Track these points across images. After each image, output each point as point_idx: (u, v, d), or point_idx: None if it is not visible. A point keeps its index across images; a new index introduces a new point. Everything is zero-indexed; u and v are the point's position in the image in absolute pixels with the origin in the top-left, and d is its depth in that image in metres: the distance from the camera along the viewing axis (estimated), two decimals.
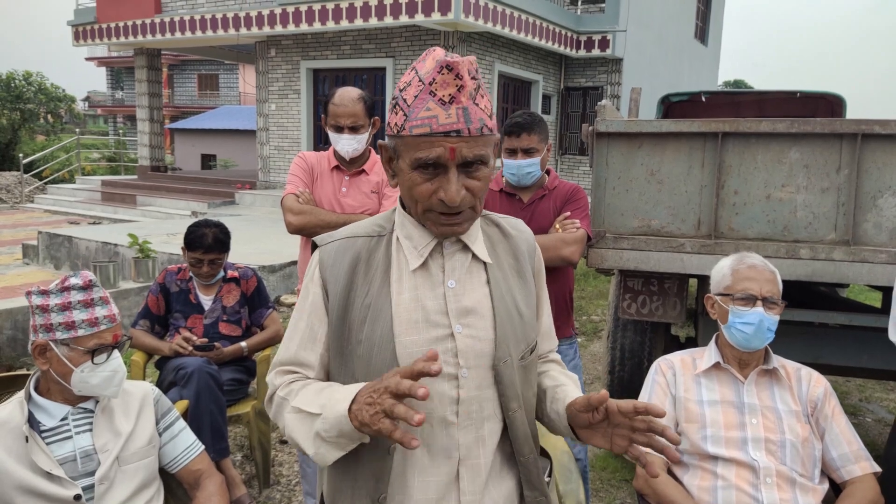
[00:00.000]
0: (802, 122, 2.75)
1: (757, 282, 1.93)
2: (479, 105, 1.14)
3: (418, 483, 1.20)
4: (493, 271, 1.27)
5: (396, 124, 1.16)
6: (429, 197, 1.16)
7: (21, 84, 23.85)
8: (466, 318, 1.22)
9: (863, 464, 1.91)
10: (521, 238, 1.36)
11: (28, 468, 1.70)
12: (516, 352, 1.25)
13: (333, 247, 1.28)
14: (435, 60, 1.13)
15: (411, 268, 1.23)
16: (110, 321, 1.79)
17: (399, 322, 1.20)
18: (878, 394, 4.92)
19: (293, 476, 3.49)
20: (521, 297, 1.30)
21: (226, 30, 12.84)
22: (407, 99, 1.14)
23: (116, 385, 1.80)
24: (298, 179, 2.72)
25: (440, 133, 1.11)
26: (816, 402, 1.97)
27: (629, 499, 3.35)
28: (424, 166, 1.14)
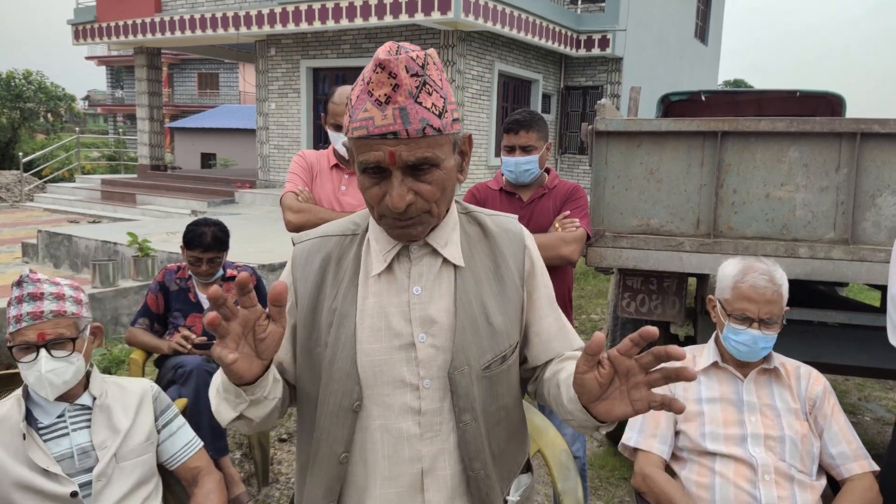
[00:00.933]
0: (802, 122, 2.76)
1: (756, 304, 1.89)
2: (422, 104, 1.05)
3: (380, 493, 1.18)
4: (464, 275, 1.20)
5: (345, 125, 1.10)
6: (379, 201, 1.10)
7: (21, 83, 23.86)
8: (431, 327, 1.17)
9: (861, 462, 1.91)
10: (505, 238, 1.27)
11: (25, 465, 1.70)
12: (478, 362, 1.18)
13: (307, 245, 1.26)
14: (374, 57, 1.06)
15: (373, 273, 1.18)
16: (33, 318, 1.70)
17: (362, 328, 1.16)
18: (877, 393, 4.92)
19: (292, 474, 3.50)
20: (493, 304, 1.21)
21: (226, 29, 12.84)
22: (352, 99, 1.09)
23: (46, 389, 1.71)
24: (298, 178, 2.72)
25: (376, 135, 1.04)
26: (815, 399, 1.97)
27: (627, 497, 3.35)
28: (368, 170, 1.08)
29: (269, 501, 3.26)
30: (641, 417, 2.02)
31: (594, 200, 3.01)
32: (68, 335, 1.75)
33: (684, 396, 2.00)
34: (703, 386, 2.00)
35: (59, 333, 1.74)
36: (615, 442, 3.86)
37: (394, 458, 1.17)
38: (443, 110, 1.07)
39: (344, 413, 1.17)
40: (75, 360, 1.77)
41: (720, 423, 1.94)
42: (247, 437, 3.52)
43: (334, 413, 1.17)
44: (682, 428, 1.98)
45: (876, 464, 1.93)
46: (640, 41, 14.75)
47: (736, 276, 1.95)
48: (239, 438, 3.79)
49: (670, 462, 2.00)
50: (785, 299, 1.93)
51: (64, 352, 1.75)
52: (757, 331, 1.90)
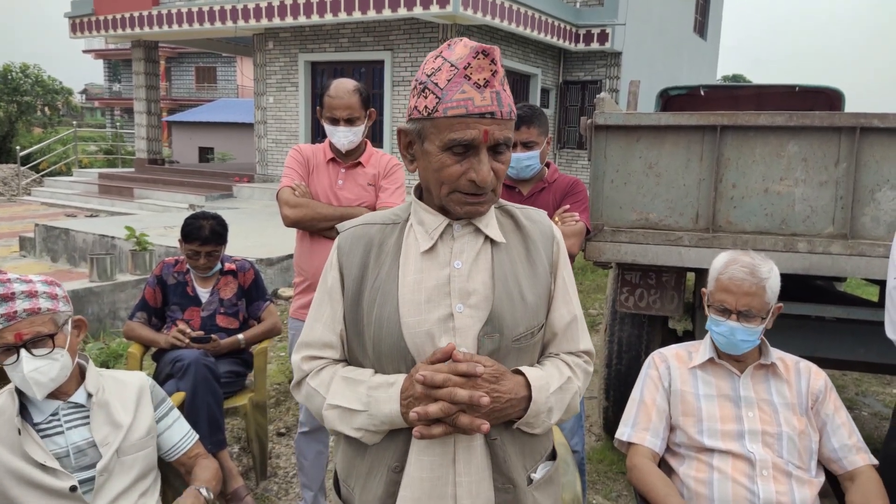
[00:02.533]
0: (801, 116, 2.75)
1: (734, 295, 1.90)
2: (506, 90, 1.20)
3: (415, 461, 1.24)
4: (500, 252, 1.30)
5: (426, 107, 1.19)
6: (458, 178, 1.20)
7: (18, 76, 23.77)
8: (468, 298, 1.24)
9: (863, 455, 1.93)
10: (535, 229, 1.37)
11: (22, 459, 1.70)
12: (511, 332, 1.25)
13: (351, 233, 1.34)
14: (468, 47, 1.18)
15: (421, 249, 1.26)
16: (7, 319, 1.68)
17: (403, 303, 1.24)
18: (875, 387, 4.94)
19: (290, 468, 3.50)
20: (526, 283, 1.30)
21: (223, 22, 12.78)
22: (439, 83, 1.17)
23: (30, 388, 1.71)
24: (294, 172, 2.70)
25: (475, 114, 1.16)
26: (818, 394, 1.97)
27: (626, 491, 3.36)
28: (457, 147, 1.17)
29: (268, 495, 3.26)
30: (635, 412, 2.03)
31: (593, 195, 3.00)
32: (46, 332, 1.73)
33: (682, 391, 2.00)
34: (699, 381, 2.00)
35: (35, 332, 1.71)
36: (613, 436, 3.86)
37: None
38: (513, 101, 1.24)
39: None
40: (59, 356, 1.74)
41: (717, 420, 1.94)
42: (245, 431, 3.52)
43: None
44: (679, 423, 1.98)
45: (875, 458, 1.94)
46: (640, 36, 14.72)
47: (720, 268, 1.97)
48: (237, 432, 3.79)
49: (668, 458, 2.00)
50: (770, 293, 1.92)
51: (44, 349, 1.72)
52: (735, 322, 1.90)
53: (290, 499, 3.24)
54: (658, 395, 2.01)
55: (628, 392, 3.53)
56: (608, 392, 3.67)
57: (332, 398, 1.25)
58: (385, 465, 1.26)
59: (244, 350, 3.34)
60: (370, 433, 1.23)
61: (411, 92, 1.24)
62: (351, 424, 1.24)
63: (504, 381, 1.21)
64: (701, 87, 5.48)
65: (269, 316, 3.42)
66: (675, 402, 2.00)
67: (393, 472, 1.25)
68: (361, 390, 1.23)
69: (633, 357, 3.55)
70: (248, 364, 3.39)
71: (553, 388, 1.28)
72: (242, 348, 3.31)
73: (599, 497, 3.32)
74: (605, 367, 3.67)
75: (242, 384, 3.40)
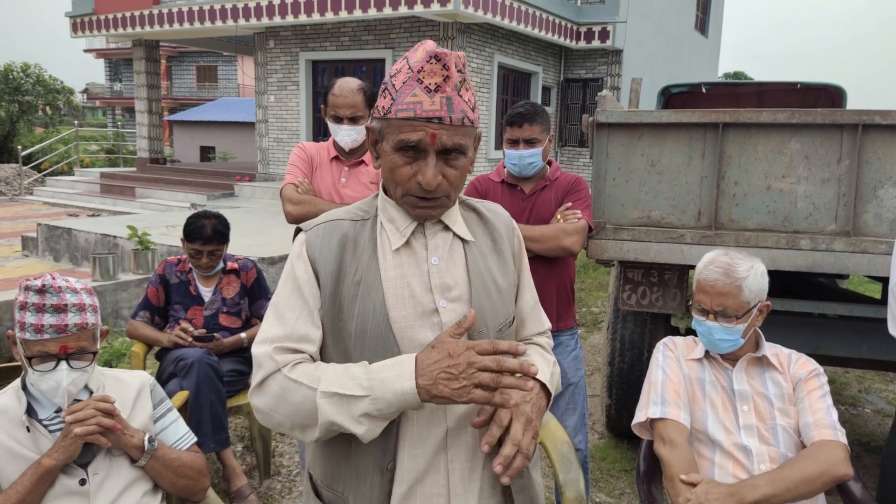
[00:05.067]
0: (803, 113, 2.75)
1: (709, 295, 1.92)
2: (462, 97, 1.20)
3: (408, 455, 1.25)
4: (471, 248, 1.33)
5: (384, 107, 1.22)
6: (408, 180, 1.22)
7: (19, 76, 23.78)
8: (448, 293, 1.27)
9: (822, 430, 1.84)
10: (497, 220, 1.42)
11: (35, 454, 1.71)
12: (493, 324, 1.30)
13: (319, 229, 1.32)
14: (425, 51, 1.20)
15: (393, 247, 1.28)
16: (57, 331, 1.68)
17: (388, 297, 1.25)
18: (878, 385, 4.93)
19: (294, 466, 3.50)
20: (498, 273, 1.35)
21: (224, 21, 12.78)
22: (395, 84, 1.21)
23: (61, 398, 1.73)
24: (298, 169, 2.71)
25: (423, 118, 1.17)
26: (799, 379, 1.96)
27: (629, 489, 3.36)
28: (405, 149, 1.20)
29: (271, 493, 3.27)
30: (661, 389, 1.98)
31: (595, 193, 3.00)
32: (89, 348, 1.76)
33: (690, 377, 2.00)
34: (704, 370, 2.02)
35: (81, 346, 1.73)
36: (616, 434, 3.87)
37: (422, 421, 1.25)
38: (474, 106, 1.24)
39: None
40: (91, 368, 1.78)
41: (719, 409, 1.96)
42: (248, 430, 3.52)
43: None
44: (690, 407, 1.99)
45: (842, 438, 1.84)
46: (641, 33, 14.70)
47: (700, 268, 1.99)
48: (240, 431, 3.80)
49: None
50: (748, 293, 1.89)
51: (84, 363, 1.75)
52: (713, 322, 1.92)
53: (294, 497, 3.25)
54: (681, 373, 2.02)
55: (631, 390, 3.57)
56: (611, 390, 3.67)
57: (326, 387, 1.17)
58: (375, 465, 1.24)
59: (247, 349, 3.34)
60: (373, 421, 1.16)
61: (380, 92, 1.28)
62: (351, 413, 1.15)
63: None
64: (702, 84, 5.47)
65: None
66: (686, 385, 2.01)
67: (387, 472, 1.24)
68: (360, 375, 1.16)
69: (636, 355, 3.55)
70: (251, 363, 3.38)
71: (548, 376, 1.38)
72: (245, 347, 3.31)
73: (602, 495, 3.32)
74: (607, 364, 3.67)
75: (245, 383, 3.41)
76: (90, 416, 1.69)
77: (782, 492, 1.74)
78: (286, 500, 3.23)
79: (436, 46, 1.21)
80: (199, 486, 1.92)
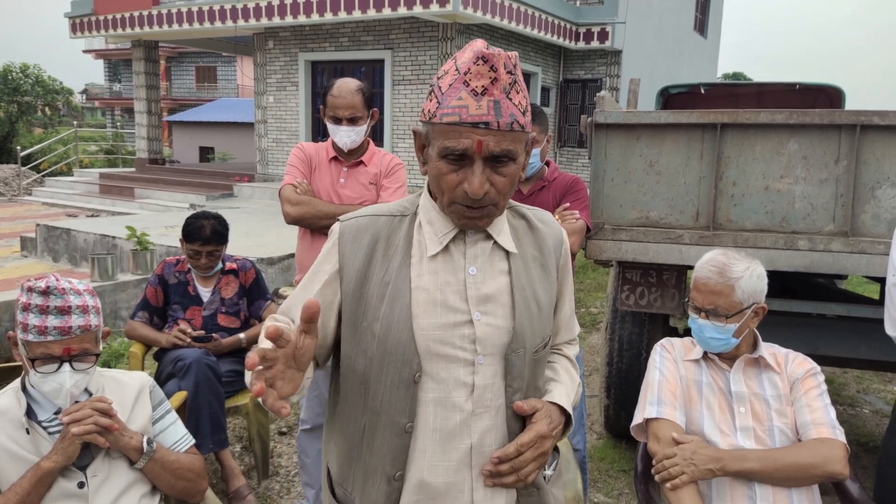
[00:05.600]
0: (801, 114, 2.75)
1: (701, 294, 1.94)
2: (512, 101, 1.13)
3: (428, 467, 1.21)
4: (516, 261, 1.27)
5: (429, 111, 1.16)
6: (454, 188, 1.16)
7: (18, 76, 23.77)
8: (485, 305, 1.22)
9: (820, 428, 1.85)
10: (547, 231, 1.36)
11: (35, 456, 1.71)
12: (531, 344, 1.26)
13: (356, 223, 1.28)
14: (473, 51, 1.13)
15: (429, 254, 1.23)
16: (60, 333, 1.68)
17: (417, 303, 1.20)
18: (876, 385, 4.94)
19: (292, 467, 3.50)
20: (541, 290, 1.30)
21: (223, 21, 12.79)
22: (442, 87, 1.15)
23: (63, 399, 1.73)
24: (297, 170, 2.71)
25: (468, 123, 1.11)
26: (796, 379, 1.96)
27: (627, 489, 3.36)
28: (451, 156, 1.14)
29: (269, 494, 3.27)
30: (657, 390, 1.99)
31: (593, 193, 3.00)
32: (93, 350, 1.76)
33: (688, 378, 2.00)
34: (702, 371, 2.02)
35: (84, 348, 1.73)
36: (615, 434, 3.87)
37: (444, 433, 1.21)
38: (525, 109, 1.16)
39: (405, 384, 1.20)
40: (92, 370, 1.79)
41: (716, 410, 1.96)
42: (247, 431, 3.52)
43: (395, 385, 1.21)
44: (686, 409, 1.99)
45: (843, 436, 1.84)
46: (640, 34, 14.71)
47: (698, 265, 2.01)
48: (239, 432, 3.80)
49: None
50: (741, 293, 1.90)
51: (86, 364, 1.75)
52: (704, 320, 1.93)
53: (292, 497, 3.25)
54: (678, 374, 2.02)
55: (629, 390, 3.56)
56: (609, 390, 3.67)
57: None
58: (383, 473, 1.23)
59: (246, 349, 3.34)
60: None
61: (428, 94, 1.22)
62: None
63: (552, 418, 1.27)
64: (701, 85, 5.48)
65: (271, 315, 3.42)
66: (683, 387, 2.01)
67: (395, 481, 1.22)
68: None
69: (634, 355, 3.55)
70: None
71: (573, 396, 1.37)
72: (244, 347, 3.31)
73: (601, 495, 3.32)
74: (606, 365, 3.67)
75: (244, 383, 3.40)
76: (87, 416, 1.69)
77: (769, 471, 1.76)
78: (284, 500, 3.23)
79: (485, 46, 1.13)
80: (197, 488, 1.92)
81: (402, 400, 1.21)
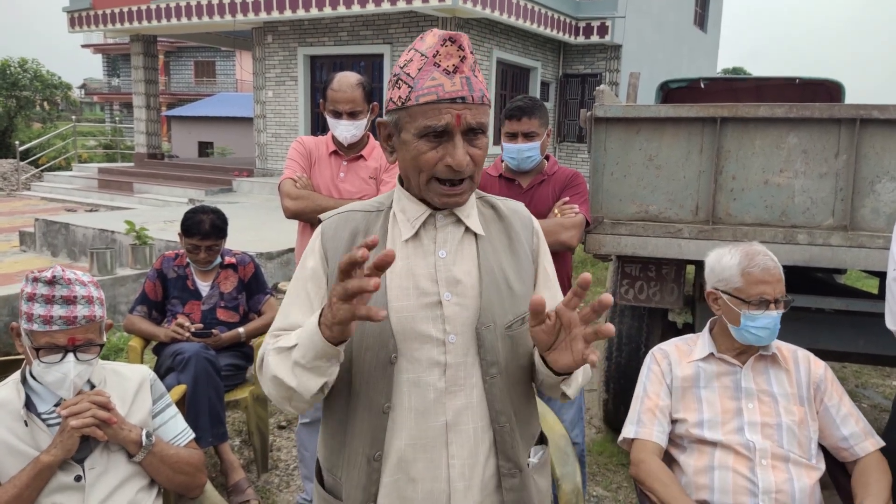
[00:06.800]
0: (801, 108, 2.75)
1: (771, 285, 1.91)
2: (477, 77, 1.21)
3: (405, 446, 1.25)
4: (484, 244, 1.32)
5: (400, 97, 1.20)
6: (434, 165, 1.20)
7: (17, 71, 23.68)
8: (455, 287, 1.27)
9: (872, 440, 1.94)
10: (516, 219, 1.40)
11: (33, 449, 1.71)
12: (501, 320, 1.28)
13: (335, 220, 1.34)
14: (436, 36, 1.20)
15: (403, 238, 1.28)
16: (66, 323, 1.69)
17: (391, 288, 1.25)
18: (875, 379, 4.94)
19: (291, 461, 3.51)
20: (512, 273, 1.33)
21: (222, 16, 12.75)
22: (410, 73, 1.19)
23: (67, 389, 1.73)
24: (296, 164, 2.71)
25: (447, 100, 1.17)
26: (819, 383, 1.97)
27: (625, 482, 3.37)
28: (431, 134, 1.18)
29: (269, 487, 3.28)
30: (639, 409, 2.01)
31: (593, 187, 3.00)
32: (97, 341, 1.77)
33: (682, 386, 2.00)
34: (701, 375, 2.00)
35: (89, 339, 1.74)
36: (614, 428, 3.88)
37: (420, 412, 1.25)
38: (485, 86, 1.24)
39: (382, 366, 1.25)
40: (95, 361, 1.80)
41: (718, 412, 1.94)
42: (246, 424, 3.53)
43: (373, 367, 1.25)
44: (680, 417, 1.98)
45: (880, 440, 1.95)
46: (639, 28, 14.68)
47: (741, 262, 1.94)
48: (238, 425, 3.80)
49: (669, 448, 2.00)
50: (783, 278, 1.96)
51: (90, 355, 1.76)
52: (775, 312, 1.91)
53: (292, 491, 3.25)
54: (662, 390, 2.01)
55: (628, 384, 3.57)
56: (608, 384, 3.68)
57: (278, 344, 1.21)
58: (363, 454, 1.26)
59: (245, 343, 3.34)
60: (304, 372, 1.15)
61: (388, 85, 1.25)
62: (287, 364, 1.17)
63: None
64: (701, 79, 5.47)
65: (270, 309, 3.43)
66: (676, 397, 2.00)
67: (374, 461, 1.25)
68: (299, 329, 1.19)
69: (633, 349, 3.56)
70: (249, 357, 3.39)
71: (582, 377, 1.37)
72: (243, 342, 3.31)
73: (599, 489, 3.33)
74: (605, 359, 3.67)
75: (243, 377, 3.41)
76: (86, 409, 1.70)
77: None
78: (284, 493, 3.24)
79: (444, 31, 1.20)
80: (196, 482, 1.92)
81: (380, 381, 1.25)
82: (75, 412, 1.69)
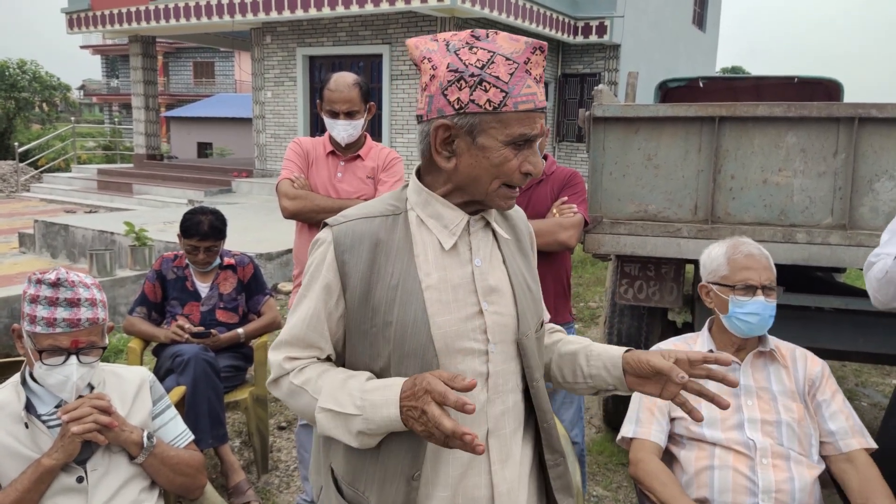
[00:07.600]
0: (799, 107, 2.75)
1: (755, 270, 1.92)
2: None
3: (451, 458, 1.23)
4: (506, 247, 1.33)
5: (490, 101, 1.14)
6: (514, 172, 1.19)
7: (15, 72, 23.69)
8: (491, 295, 1.26)
9: (860, 438, 1.93)
10: (517, 217, 1.42)
11: (34, 452, 1.71)
12: (534, 325, 1.31)
13: (349, 227, 1.25)
14: (518, 41, 1.17)
15: (446, 247, 1.24)
16: (69, 325, 1.69)
17: (431, 303, 1.21)
18: (874, 378, 4.94)
19: (291, 461, 3.51)
20: (528, 274, 1.35)
21: (220, 16, 12.74)
22: (500, 76, 1.14)
23: (69, 392, 1.73)
24: (294, 165, 2.71)
25: (540, 109, 1.18)
26: (815, 379, 1.98)
27: (625, 482, 3.37)
28: (521, 142, 1.18)
29: (269, 488, 3.27)
30: (637, 409, 2.02)
31: (592, 187, 3.00)
32: (100, 343, 1.77)
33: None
34: None
35: (91, 341, 1.74)
36: (613, 428, 3.88)
37: (464, 423, 1.19)
38: None
39: None
40: (97, 364, 1.80)
41: (717, 409, 1.94)
42: (246, 425, 3.53)
43: None
44: (678, 414, 1.98)
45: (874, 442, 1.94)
46: (638, 28, 14.68)
47: (727, 251, 1.98)
48: (238, 427, 3.80)
49: (669, 445, 2.00)
50: (774, 271, 1.96)
51: (92, 358, 1.76)
52: (763, 298, 1.91)
53: (292, 492, 3.25)
54: None
55: None
56: None
57: (324, 402, 1.19)
58: (402, 473, 1.22)
59: (244, 344, 3.34)
60: (369, 437, 1.18)
61: (453, 85, 1.15)
62: (348, 429, 1.17)
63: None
64: (700, 78, 5.47)
65: (269, 310, 3.43)
66: None
67: (414, 481, 1.21)
68: (356, 393, 1.17)
69: None
70: (249, 358, 3.39)
71: None
72: (242, 343, 3.31)
73: (599, 488, 3.33)
74: None
75: (243, 378, 3.41)
76: (87, 414, 1.69)
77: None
78: (284, 494, 3.24)
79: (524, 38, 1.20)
80: (196, 483, 1.92)
81: None
82: (76, 417, 1.69)
